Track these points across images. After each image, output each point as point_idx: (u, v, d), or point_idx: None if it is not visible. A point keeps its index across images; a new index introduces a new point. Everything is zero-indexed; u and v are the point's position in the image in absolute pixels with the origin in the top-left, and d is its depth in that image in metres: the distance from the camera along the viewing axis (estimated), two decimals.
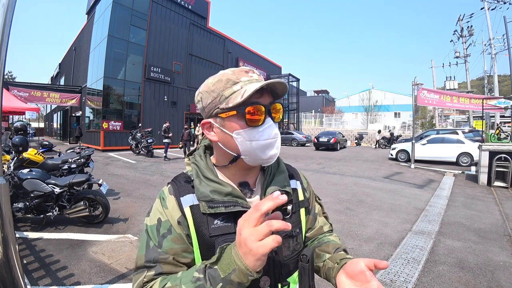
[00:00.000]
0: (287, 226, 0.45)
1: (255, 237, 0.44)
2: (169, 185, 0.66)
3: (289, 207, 0.65)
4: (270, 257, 0.61)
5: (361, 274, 0.51)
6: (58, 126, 25.35)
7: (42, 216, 3.50)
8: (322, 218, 0.80)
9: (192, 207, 0.60)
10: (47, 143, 8.93)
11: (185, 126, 11.84)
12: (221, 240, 0.58)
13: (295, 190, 0.73)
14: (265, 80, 0.60)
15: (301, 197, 0.73)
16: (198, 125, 14.23)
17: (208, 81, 0.62)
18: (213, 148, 0.68)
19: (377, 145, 20.78)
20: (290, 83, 28.02)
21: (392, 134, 21.00)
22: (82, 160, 4.63)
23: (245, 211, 0.58)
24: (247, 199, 0.64)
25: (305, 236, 0.74)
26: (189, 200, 0.61)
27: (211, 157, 0.70)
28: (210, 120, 0.63)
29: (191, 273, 0.52)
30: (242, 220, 0.47)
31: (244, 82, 0.59)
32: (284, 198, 0.45)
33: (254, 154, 0.60)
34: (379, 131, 22.02)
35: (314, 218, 0.77)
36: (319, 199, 0.84)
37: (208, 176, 0.62)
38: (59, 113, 24.46)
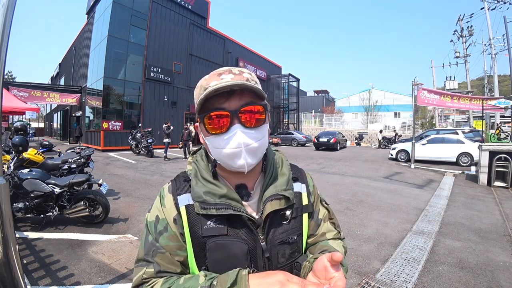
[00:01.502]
0: None
1: None
2: (170, 183, 0.68)
3: (288, 212, 0.64)
4: (262, 263, 0.61)
5: (325, 270, 0.49)
6: (58, 126, 25.34)
7: (42, 216, 3.50)
8: (327, 224, 0.74)
9: (187, 207, 0.61)
10: (47, 143, 8.92)
11: (185, 126, 11.84)
12: (212, 241, 0.58)
13: (299, 193, 0.69)
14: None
15: (305, 202, 0.69)
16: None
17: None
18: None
19: (379, 145, 20.72)
20: (290, 83, 28.04)
21: (396, 134, 20.97)
22: (82, 160, 4.62)
23: (236, 215, 0.58)
24: (244, 202, 0.63)
25: (306, 242, 0.71)
26: (185, 199, 0.62)
27: None
28: (197, 124, 0.66)
29: (195, 282, 0.53)
30: (292, 283, 0.46)
31: (212, 87, 0.56)
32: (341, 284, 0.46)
33: (223, 161, 0.60)
34: (381, 131, 22.05)
35: (316, 224, 0.73)
36: (326, 203, 0.77)
37: (205, 176, 0.63)
38: (59, 113, 24.45)
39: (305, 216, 0.69)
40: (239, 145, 0.56)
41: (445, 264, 2.80)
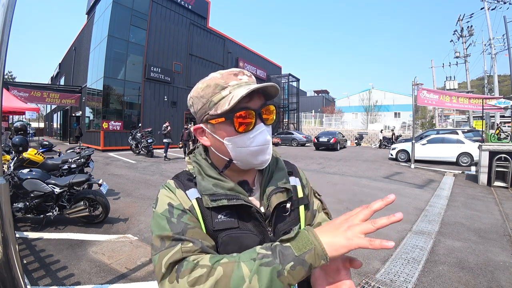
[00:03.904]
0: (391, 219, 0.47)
1: (360, 229, 0.45)
2: (173, 180, 0.65)
3: (288, 205, 0.66)
4: None
5: (336, 271, 0.50)
6: (58, 126, 25.33)
7: (42, 216, 3.50)
8: (321, 214, 0.77)
9: (197, 199, 0.60)
10: (47, 143, 8.94)
11: (185, 126, 11.85)
12: (224, 235, 0.58)
13: (294, 187, 0.72)
14: (262, 80, 0.59)
15: (300, 194, 0.72)
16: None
17: (198, 85, 0.62)
18: (208, 150, 0.68)
19: (380, 145, 20.69)
20: (290, 83, 28.03)
21: (394, 134, 20.99)
22: (82, 160, 4.63)
23: (247, 205, 0.59)
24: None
25: None
26: (194, 193, 0.61)
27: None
28: (202, 125, 0.64)
29: (252, 251, 0.48)
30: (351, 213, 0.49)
31: (233, 86, 0.58)
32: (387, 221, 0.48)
33: (245, 160, 0.61)
34: (381, 131, 22.02)
35: (312, 214, 0.76)
36: (318, 195, 0.81)
37: (210, 173, 0.63)
38: (59, 113, 24.45)
39: (301, 208, 0.71)
40: (267, 142, 0.61)
41: (445, 264, 2.80)
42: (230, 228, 0.59)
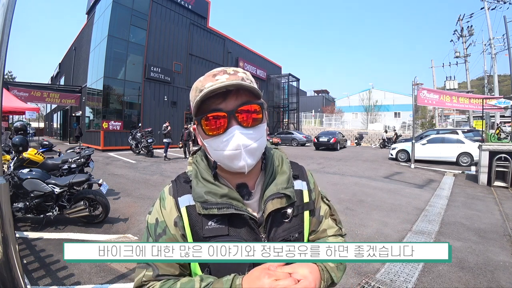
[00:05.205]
0: None
1: (276, 276, 0.49)
2: (170, 184, 0.67)
3: (289, 211, 0.63)
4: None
5: None
6: (58, 126, 25.35)
7: (42, 216, 3.50)
8: (328, 221, 0.74)
9: (188, 208, 0.61)
10: (47, 143, 8.91)
11: (185, 126, 11.84)
12: (213, 242, 0.58)
13: (299, 191, 0.69)
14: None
15: (306, 199, 0.69)
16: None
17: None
18: None
19: (383, 145, 20.63)
20: (290, 83, 28.04)
21: (396, 134, 20.97)
22: (82, 160, 4.63)
23: (238, 214, 0.58)
24: (245, 201, 0.63)
25: (308, 239, 0.71)
26: (186, 200, 0.62)
27: None
28: (195, 126, 0.66)
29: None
30: (267, 270, 0.50)
31: (207, 88, 0.55)
32: None
33: (224, 163, 0.60)
34: (386, 131, 22.01)
35: (318, 220, 0.72)
36: (327, 200, 0.77)
37: (205, 177, 0.62)
38: (59, 113, 24.46)
39: (306, 213, 0.68)
40: (239, 147, 0.56)
41: (445, 264, 2.80)
42: (219, 235, 0.58)
